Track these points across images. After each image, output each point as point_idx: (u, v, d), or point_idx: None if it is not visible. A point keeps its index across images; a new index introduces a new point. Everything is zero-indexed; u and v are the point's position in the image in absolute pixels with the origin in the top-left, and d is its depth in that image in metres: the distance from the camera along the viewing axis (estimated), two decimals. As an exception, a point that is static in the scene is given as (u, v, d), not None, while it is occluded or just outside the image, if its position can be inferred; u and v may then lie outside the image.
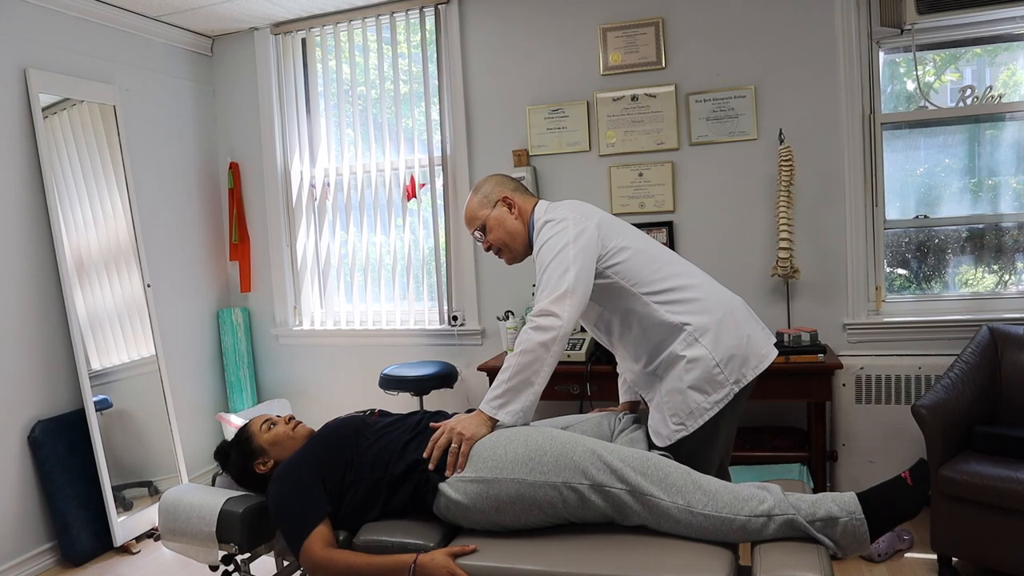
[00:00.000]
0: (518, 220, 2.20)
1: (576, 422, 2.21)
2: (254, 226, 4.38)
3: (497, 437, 1.92)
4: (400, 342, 4.10)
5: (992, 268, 3.47)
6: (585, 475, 1.79)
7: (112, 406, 3.51)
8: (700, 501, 1.74)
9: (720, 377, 2.01)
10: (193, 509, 2.12)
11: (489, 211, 2.21)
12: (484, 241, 2.25)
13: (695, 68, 3.55)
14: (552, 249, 2.02)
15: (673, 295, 2.06)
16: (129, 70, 3.82)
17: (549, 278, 1.98)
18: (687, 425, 2.01)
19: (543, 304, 1.95)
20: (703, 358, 2.00)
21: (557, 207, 2.16)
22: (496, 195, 2.22)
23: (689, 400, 2.01)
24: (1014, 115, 3.35)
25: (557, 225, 2.06)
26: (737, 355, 2.03)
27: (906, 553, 2.94)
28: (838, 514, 1.70)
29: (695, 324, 2.03)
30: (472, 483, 1.85)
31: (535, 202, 2.24)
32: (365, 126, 4.19)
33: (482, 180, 2.30)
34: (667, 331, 2.04)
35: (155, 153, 3.97)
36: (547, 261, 2.01)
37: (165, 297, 3.92)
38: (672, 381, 2.03)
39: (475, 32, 3.87)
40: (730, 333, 2.05)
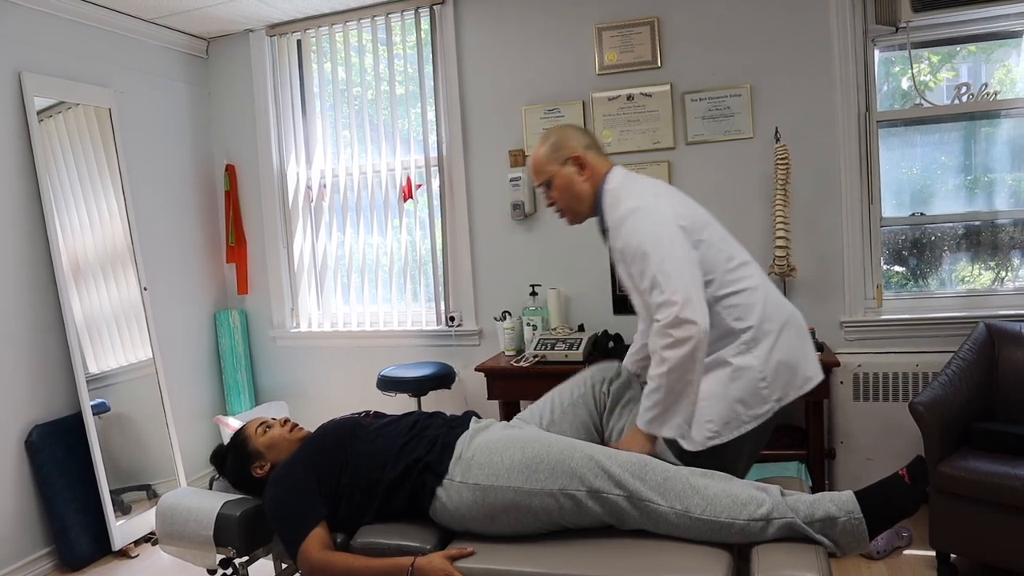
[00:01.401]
0: (587, 183, 2.06)
1: (559, 408, 2.16)
2: (250, 228, 4.37)
3: (494, 444, 1.91)
4: (397, 343, 4.09)
5: (989, 265, 3.47)
6: (582, 481, 1.78)
7: (110, 410, 3.51)
8: (698, 506, 1.74)
9: (765, 392, 1.95)
10: (190, 513, 2.12)
11: (557, 168, 2.07)
12: (547, 197, 2.14)
13: (690, 67, 3.55)
14: (653, 249, 1.88)
15: (737, 298, 1.98)
16: (124, 73, 3.81)
17: (665, 282, 1.84)
18: (722, 434, 1.94)
19: (673, 314, 1.81)
20: (751, 368, 1.94)
21: (636, 187, 2.04)
22: (567, 152, 2.07)
23: (730, 409, 1.94)
24: (1009, 112, 3.36)
25: (642, 216, 1.93)
26: (784, 372, 1.97)
27: (905, 550, 2.94)
28: (836, 514, 1.70)
29: (752, 333, 1.96)
30: (468, 489, 1.85)
31: (609, 166, 2.10)
32: (361, 127, 4.18)
33: (553, 128, 2.15)
34: (722, 333, 1.96)
35: (151, 156, 3.96)
36: (651, 263, 1.87)
37: (162, 300, 3.91)
38: (713, 386, 1.95)
39: (470, 32, 3.87)
40: (783, 348, 1.98)
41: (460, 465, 1.88)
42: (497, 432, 1.97)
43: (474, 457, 1.88)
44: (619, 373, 2.19)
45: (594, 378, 2.18)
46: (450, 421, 2.08)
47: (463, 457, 1.90)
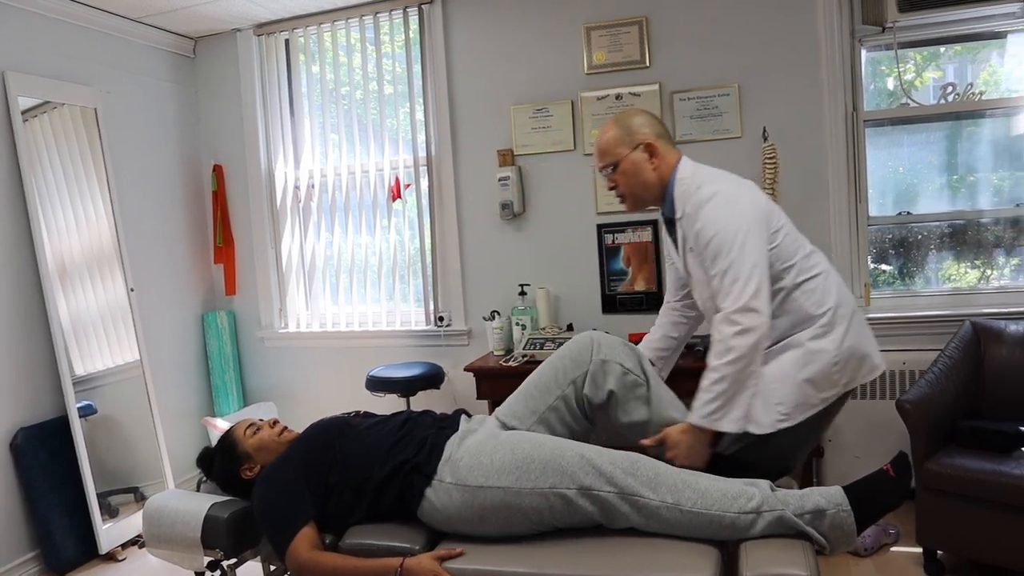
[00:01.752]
0: (655, 172, 2.04)
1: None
2: (238, 228, 4.35)
3: (483, 445, 1.90)
4: (386, 343, 4.08)
5: (974, 263, 3.50)
6: (573, 479, 1.78)
7: (96, 412, 3.48)
8: (689, 499, 1.74)
9: (836, 376, 1.95)
10: (178, 515, 2.11)
11: (627, 151, 2.04)
12: (610, 179, 2.10)
13: (679, 67, 3.56)
14: (731, 234, 1.87)
15: (813, 283, 1.98)
16: (110, 72, 3.79)
17: (739, 269, 1.84)
18: (792, 417, 1.93)
19: (743, 301, 1.82)
20: (825, 352, 1.94)
21: (713, 174, 2.03)
22: (640, 137, 2.03)
23: (801, 392, 1.94)
24: (994, 112, 3.38)
25: (728, 203, 1.92)
26: (855, 357, 1.98)
27: (892, 547, 2.95)
28: (825, 506, 1.71)
29: (828, 317, 1.96)
30: (457, 490, 1.84)
31: (678, 156, 2.07)
32: (349, 127, 4.17)
33: (625, 112, 2.12)
34: (799, 318, 1.97)
35: (137, 156, 3.94)
36: (728, 248, 1.86)
37: (149, 301, 3.89)
38: (786, 368, 1.95)
39: (459, 32, 3.86)
40: (854, 334, 1.99)
41: (449, 466, 1.88)
42: (487, 433, 1.96)
43: (463, 459, 1.88)
44: (626, 371, 2.06)
45: (575, 380, 2.09)
46: (439, 421, 2.08)
47: (452, 458, 1.89)
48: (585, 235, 3.74)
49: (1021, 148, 3.36)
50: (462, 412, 2.15)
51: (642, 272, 3.66)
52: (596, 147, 2.11)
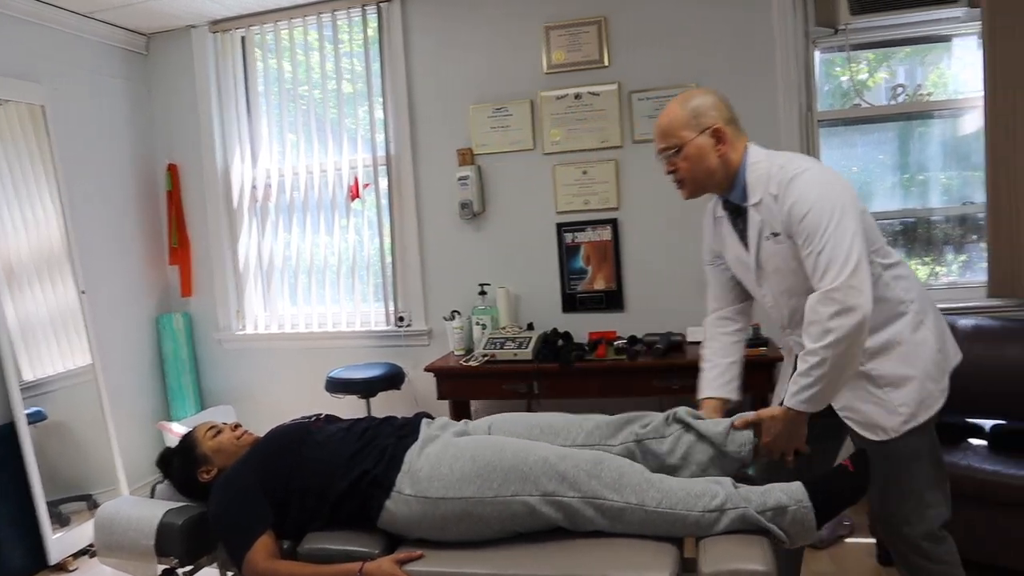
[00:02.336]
0: (720, 158, 1.88)
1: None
2: (194, 229, 4.27)
3: (443, 454, 1.87)
4: (346, 344, 4.04)
5: (924, 260, 3.58)
6: (536, 486, 1.76)
7: (47, 418, 3.39)
8: (653, 499, 1.74)
9: (943, 364, 1.87)
10: (131, 523, 2.06)
11: (693, 136, 1.87)
12: (669, 163, 1.92)
13: (637, 66, 3.58)
14: (827, 210, 1.73)
15: (899, 270, 1.87)
16: (59, 69, 3.69)
17: (837, 247, 1.71)
18: (917, 416, 1.84)
19: (842, 278, 1.68)
20: (927, 342, 1.86)
21: (792, 156, 1.90)
22: (709, 121, 1.87)
23: (921, 388, 1.83)
24: (942, 113, 3.47)
25: (821, 183, 1.79)
26: (947, 344, 1.93)
27: (847, 539, 3.01)
28: (787, 503, 1.73)
29: (919, 305, 1.86)
30: (417, 502, 1.82)
31: (745, 141, 1.93)
32: (308, 126, 4.12)
33: (694, 92, 1.94)
34: (892, 307, 1.85)
35: (88, 154, 3.84)
36: (824, 224, 1.72)
37: (101, 303, 3.79)
38: (897, 368, 1.84)
39: (418, 31, 3.84)
40: (941, 321, 1.93)
41: (408, 477, 1.85)
42: (447, 441, 1.94)
43: (423, 469, 1.85)
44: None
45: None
46: (400, 429, 2.03)
47: (412, 469, 1.86)
48: (545, 234, 3.75)
49: (968, 148, 3.45)
50: (423, 416, 2.12)
51: (602, 271, 3.67)
52: (657, 127, 1.93)
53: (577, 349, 3.35)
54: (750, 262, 1.96)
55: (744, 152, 1.91)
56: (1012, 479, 2.43)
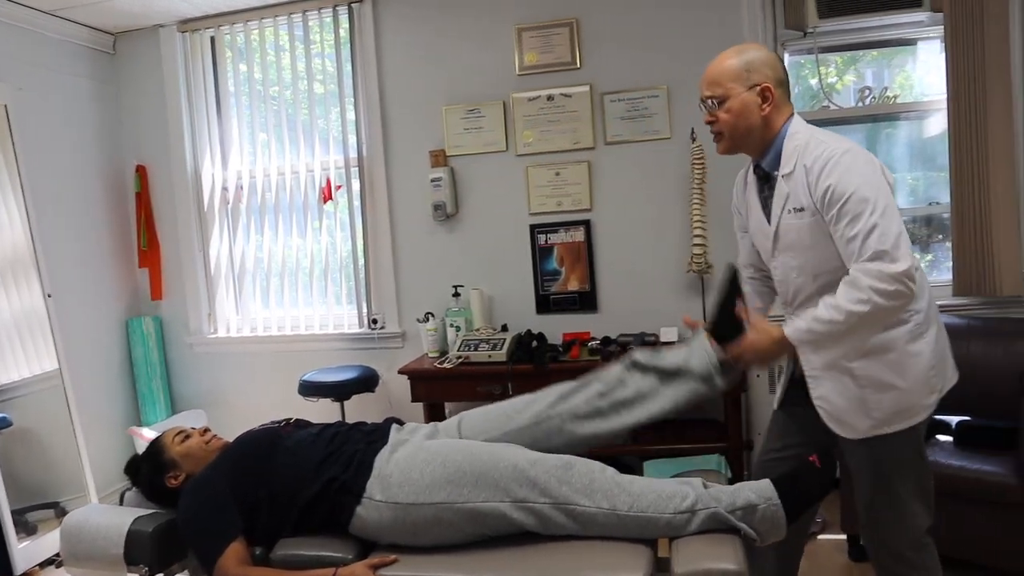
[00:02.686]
0: (764, 119, 1.83)
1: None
2: (164, 231, 4.22)
3: (413, 459, 1.86)
4: (319, 347, 4.01)
5: (892, 260, 3.64)
6: (507, 493, 1.77)
7: (12, 425, 3.32)
8: (624, 503, 1.75)
9: (933, 380, 1.82)
10: (99, 531, 2.03)
11: (741, 89, 1.82)
12: (710, 114, 1.88)
13: (609, 68, 3.60)
14: (872, 195, 1.68)
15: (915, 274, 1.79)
16: (22, 68, 3.62)
17: (887, 233, 1.65)
18: (891, 424, 1.81)
19: (899, 267, 1.63)
20: (922, 355, 1.80)
21: (835, 136, 1.83)
22: (759, 78, 1.81)
23: (902, 399, 1.80)
24: (908, 115, 3.53)
25: (865, 167, 1.73)
26: (943, 361, 1.87)
27: (819, 535, 3.05)
28: (756, 501, 1.75)
29: (923, 315, 1.81)
30: (388, 508, 1.81)
31: (792, 110, 1.88)
32: (279, 127, 4.08)
33: (749, 44, 1.92)
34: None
35: (54, 156, 3.77)
36: (871, 208, 1.67)
37: (68, 307, 3.72)
38: (881, 374, 1.80)
39: (390, 32, 3.83)
40: (942, 336, 1.88)
41: (379, 484, 1.84)
42: (417, 445, 1.93)
43: (393, 475, 1.84)
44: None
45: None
46: (369, 435, 2.02)
47: (382, 474, 1.86)
48: (518, 235, 3.75)
49: (933, 150, 3.51)
50: (393, 421, 2.11)
51: (575, 272, 3.69)
52: (707, 73, 1.87)
53: (551, 350, 3.36)
54: (769, 233, 1.92)
55: (788, 120, 1.87)
56: (976, 474, 2.48)
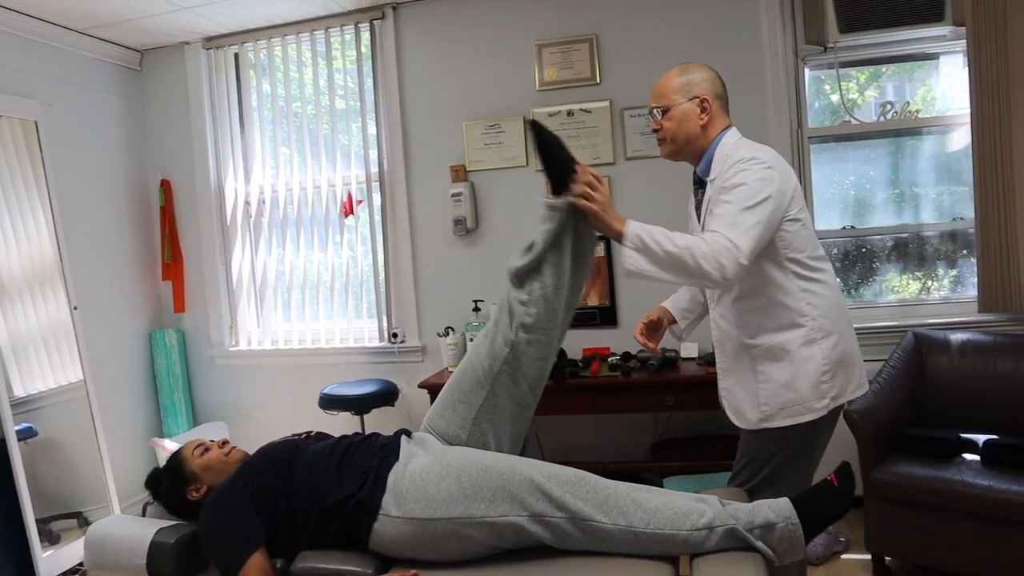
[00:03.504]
0: (703, 129, 2.05)
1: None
2: (187, 244, 4.27)
3: (428, 474, 1.85)
4: (339, 360, 4.03)
5: (916, 275, 3.61)
6: (523, 506, 1.75)
7: (37, 434, 3.36)
8: (641, 520, 1.74)
9: (824, 386, 1.98)
10: (122, 542, 2.03)
11: (682, 100, 2.04)
12: (655, 123, 2.09)
13: (629, 83, 3.61)
14: (754, 193, 1.88)
15: (815, 286, 1.99)
16: (53, 84, 3.69)
17: (748, 218, 1.85)
18: (774, 418, 1.99)
19: (740, 249, 1.80)
20: (813, 359, 1.97)
21: (756, 146, 2.03)
22: (699, 91, 2.04)
23: (788, 395, 1.98)
24: (931, 129, 3.51)
25: (766, 171, 1.93)
26: (843, 372, 2.01)
27: (842, 555, 3.01)
28: (775, 520, 1.73)
29: (821, 323, 1.98)
30: (405, 523, 1.80)
31: (729, 123, 2.10)
32: (301, 142, 4.13)
33: (694, 63, 2.11)
34: (791, 317, 1.98)
35: (81, 170, 3.84)
36: (747, 198, 1.87)
37: (94, 319, 3.78)
38: (774, 372, 1.99)
39: (411, 48, 3.87)
40: (844, 348, 2.02)
41: (394, 499, 1.83)
42: (430, 459, 1.91)
43: (407, 490, 1.83)
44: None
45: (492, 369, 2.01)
46: (382, 449, 2.00)
47: (396, 490, 1.84)
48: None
49: (957, 165, 3.48)
50: (403, 433, 2.10)
51: (595, 287, 3.68)
52: (654, 88, 2.10)
53: (571, 365, 3.35)
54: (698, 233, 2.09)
55: (723, 131, 2.07)
56: (1005, 494, 2.42)
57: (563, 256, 1.94)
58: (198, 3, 3.59)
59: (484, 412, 1.99)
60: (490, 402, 1.99)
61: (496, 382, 1.98)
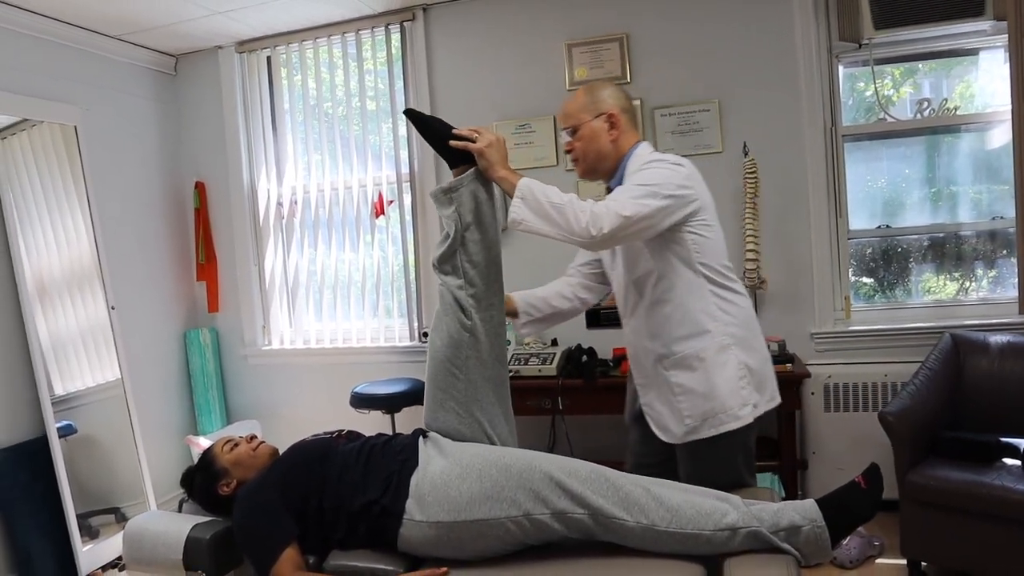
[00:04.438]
0: (613, 143, 2.06)
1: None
2: (221, 245, 4.33)
3: (448, 476, 1.85)
4: (370, 360, 4.06)
5: (953, 276, 3.54)
6: (546, 504, 1.76)
7: (77, 432, 3.44)
8: (663, 519, 1.73)
9: (744, 392, 1.96)
10: (158, 537, 2.08)
11: (589, 118, 2.05)
12: (568, 144, 2.12)
13: (659, 83, 3.59)
14: (656, 175, 1.92)
15: (725, 292, 2.00)
16: (90, 90, 3.77)
17: (636, 193, 1.86)
18: (699, 431, 1.96)
19: (621, 217, 1.82)
20: (728, 365, 1.96)
21: (664, 155, 2.05)
22: (605, 107, 2.05)
23: (709, 404, 1.96)
24: (969, 127, 3.44)
25: (673, 166, 1.96)
26: (757, 378, 2.00)
27: (877, 559, 2.96)
28: (800, 523, 1.72)
29: (733, 331, 1.98)
30: (430, 527, 1.81)
31: (638, 138, 2.11)
32: (332, 143, 4.17)
33: (599, 82, 2.15)
34: (703, 323, 1.97)
35: (118, 173, 3.91)
36: (645, 180, 1.90)
37: (130, 319, 3.85)
38: (692, 383, 1.97)
39: (441, 49, 3.88)
40: (757, 352, 2.03)
41: (417, 504, 1.84)
42: (449, 462, 1.91)
43: (429, 493, 1.84)
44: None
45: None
46: (402, 451, 2.00)
47: (418, 494, 1.85)
48: (569, 249, 3.72)
49: (997, 162, 3.41)
50: (420, 434, 2.10)
51: (626, 286, 3.66)
52: (561, 108, 2.13)
53: (601, 365, 3.35)
54: (606, 257, 2.19)
55: (634, 145, 2.07)
56: (1046, 499, 2.38)
57: (481, 228, 2.04)
58: (231, 7, 3.65)
59: (469, 400, 2.03)
60: (470, 390, 2.02)
61: (467, 368, 2.02)
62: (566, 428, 3.33)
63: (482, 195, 2.02)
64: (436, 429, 2.06)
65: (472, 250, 2.03)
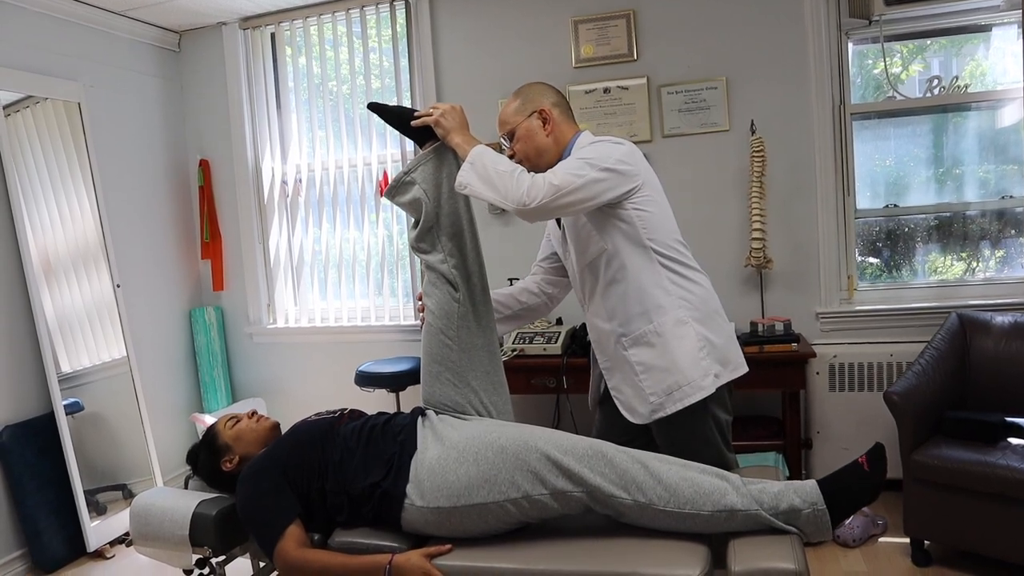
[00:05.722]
0: (549, 138, 2.07)
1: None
2: (226, 223, 4.33)
3: (445, 461, 1.85)
4: (375, 338, 4.07)
5: (960, 255, 3.52)
6: (544, 484, 1.77)
7: (83, 409, 3.46)
8: (661, 498, 1.74)
9: (704, 363, 1.95)
10: (165, 513, 2.09)
11: (522, 119, 2.07)
12: (509, 149, 2.12)
13: (666, 60, 3.56)
14: (594, 150, 1.94)
15: (679, 268, 2.00)
16: (94, 66, 3.75)
17: (571, 166, 1.88)
18: (665, 407, 1.95)
19: (548, 176, 1.85)
20: (687, 338, 1.95)
21: (615, 138, 2.05)
22: (533, 105, 2.07)
23: (670, 379, 1.95)
24: (979, 105, 3.40)
25: (613, 144, 1.97)
26: (718, 350, 1.98)
27: (880, 537, 2.98)
28: (800, 506, 1.72)
29: (689, 304, 1.98)
30: (430, 512, 1.82)
31: (577, 129, 2.12)
32: (337, 121, 4.15)
33: (526, 84, 2.15)
34: (658, 300, 1.97)
35: (122, 150, 3.90)
36: (583, 155, 1.92)
37: (135, 297, 3.86)
38: (648, 357, 1.97)
39: (446, 26, 3.85)
40: (717, 327, 2.02)
41: (416, 489, 1.85)
42: (443, 443, 1.91)
43: (426, 479, 1.84)
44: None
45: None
46: (400, 433, 2.00)
47: (417, 479, 1.85)
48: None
49: (1006, 141, 3.38)
50: (418, 414, 2.09)
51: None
52: (497, 119, 2.15)
53: (605, 344, 3.34)
54: (559, 235, 2.21)
55: (575, 136, 2.10)
56: (1051, 479, 2.38)
57: (451, 200, 2.07)
58: (235, -17, 3.62)
59: (463, 369, 2.06)
60: (463, 359, 2.06)
61: (459, 338, 2.06)
62: (570, 407, 3.34)
63: (445, 169, 2.07)
64: (434, 403, 2.07)
65: (444, 223, 2.09)
